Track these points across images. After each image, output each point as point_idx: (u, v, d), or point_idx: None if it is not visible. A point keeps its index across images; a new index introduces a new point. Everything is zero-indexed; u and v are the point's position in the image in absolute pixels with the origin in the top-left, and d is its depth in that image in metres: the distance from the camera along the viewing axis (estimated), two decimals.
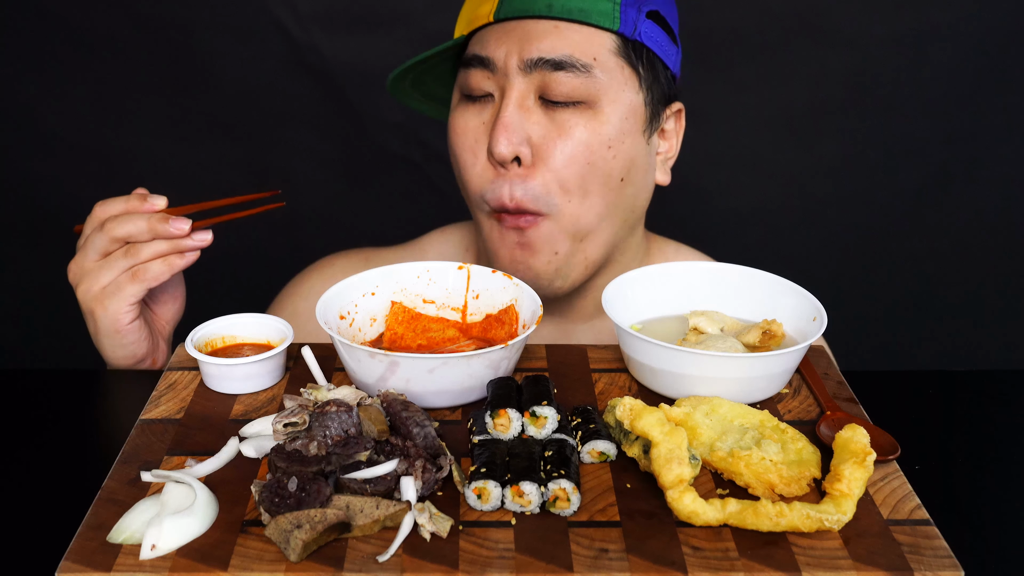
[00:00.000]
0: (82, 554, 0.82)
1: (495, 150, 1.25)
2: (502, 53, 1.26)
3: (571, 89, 1.25)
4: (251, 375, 1.07)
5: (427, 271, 1.20)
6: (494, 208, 1.30)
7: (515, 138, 1.25)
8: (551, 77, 1.25)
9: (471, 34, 1.31)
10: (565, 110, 1.27)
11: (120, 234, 1.17)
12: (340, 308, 1.14)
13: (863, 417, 1.05)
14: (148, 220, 1.16)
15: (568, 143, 1.26)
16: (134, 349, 1.24)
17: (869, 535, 0.86)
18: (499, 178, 1.28)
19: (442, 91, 1.43)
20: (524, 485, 0.87)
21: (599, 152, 1.27)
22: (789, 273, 1.19)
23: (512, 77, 1.26)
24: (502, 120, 1.25)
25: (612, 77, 1.27)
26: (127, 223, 1.17)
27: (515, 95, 1.26)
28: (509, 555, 0.83)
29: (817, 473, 0.93)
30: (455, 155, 1.34)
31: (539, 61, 1.24)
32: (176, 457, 0.96)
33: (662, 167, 1.40)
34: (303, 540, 0.81)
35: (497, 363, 1.03)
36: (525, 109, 1.27)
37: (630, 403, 0.93)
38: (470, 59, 1.29)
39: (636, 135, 1.31)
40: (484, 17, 1.28)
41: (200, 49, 2.09)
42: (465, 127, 1.32)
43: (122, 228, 1.17)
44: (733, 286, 1.21)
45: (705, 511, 0.86)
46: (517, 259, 1.31)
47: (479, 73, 1.29)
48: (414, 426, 0.93)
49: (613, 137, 1.28)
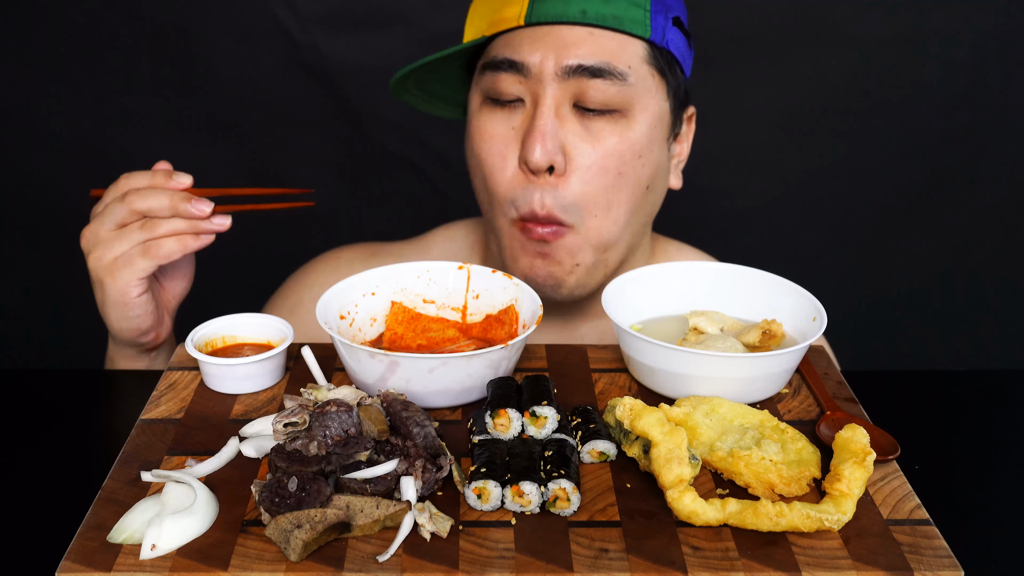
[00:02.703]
0: (82, 554, 0.82)
1: (530, 158, 1.23)
2: (537, 58, 1.23)
3: (607, 97, 1.24)
4: (251, 375, 1.07)
5: (427, 271, 1.20)
6: (523, 216, 1.28)
7: (551, 146, 1.23)
8: (588, 84, 1.23)
9: (492, 36, 1.29)
10: (599, 118, 1.25)
11: (141, 207, 1.16)
12: (340, 308, 1.14)
13: (863, 417, 1.05)
14: (171, 197, 1.16)
15: (601, 152, 1.25)
16: (139, 323, 1.23)
17: (869, 535, 0.86)
18: (530, 184, 1.26)
19: (445, 89, 1.42)
20: (524, 485, 0.87)
21: (630, 162, 1.27)
22: (789, 273, 1.19)
23: (547, 83, 1.24)
24: (538, 127, 1.23)
25: (644, 85, 1.26)
26: (150, 197, 1.16)
27: (551, 102, 1.24)
28: (509, 555, 0.83)
29: (817, 473, 0.93)
30: (479, 159, 1.31)
31: (578, 68, 1.22)
32: (176, 457, 0.96)
33: (675, 171, 1.40)
34: (303, 540, 0.81)
35: (497, 363, 1.03)
36: (560, 117, 1.25)
37: (630, 403, 0.93)
38: (499, 62, 1.26)
39: (662, 142, 1.31)
40: (513, 20, 1.26)
41: (200, 49, 2.09)
42: (492, 132, 1.29)
43: (144, 202, 1.16)
44: (733, 286, 1.21)
45: (705, 511, 0.86)
46: (537, 266, 1.30)
47: (509, 77, 1.26)
48: (414, 426, 0.94)
49: (644, 146, 1.27)
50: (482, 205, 1.37)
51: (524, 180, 1.27)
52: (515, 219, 1.29)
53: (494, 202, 1.32)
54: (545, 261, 1.30)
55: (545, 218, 1.26)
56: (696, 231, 1.79)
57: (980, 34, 2.08)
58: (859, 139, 2.20)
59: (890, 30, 2.08)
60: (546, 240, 1.28)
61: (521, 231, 1.29)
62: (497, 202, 1.31)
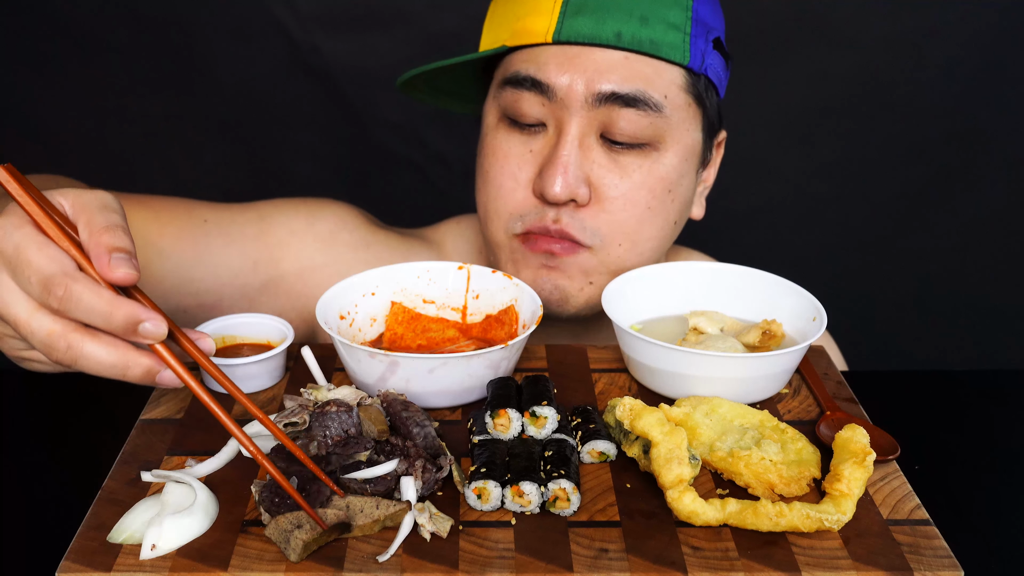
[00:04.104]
0: (82, 554, 0.82)
1: (549, 191, 1.14)
2: (564, 81, 1.14)
3: (638, 129, 1.15)
4: (251, 375, 1.07)
5: (427, 271, 1.20)
6: (529, 229, 1.20)
7: (572, 179, 1.14)
8: (619, 114, 1.14)
9: (515, 47, 1.20)
10: (628, 152, 1.17)
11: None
12: (340, 308, 1.14)
13: (863, 417, 1.05)
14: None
15: (630, 185, 1.17)
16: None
17: (869, 535, 0.86)
18: (544, 207, 1.18)
19: (456, 86, 1.36)
20: (524, 485, 0.87)
21: (660, 197, 1.19)
22: (789, 273, 1.19)
23: (574, 110, 1.15)
24: (560, 158, 1.14)
25: (679, 116, 1.18)
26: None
27: (576, 131, 1.15)
28: (509, 555, 0.83)
29: (817, 473, 0.93)
30: (488, 176, 1.23)
31: (611, 95, 1.14)
32: (176, 457, 0.96)
33: (698, 199, 1.32)
34: (303, 540, 0.81)
35: (497, 363, 1.03)
36: (585, 147, 1.16)
37: (630, 403, 0.93)
38: (522, 79, 1.17)
39: (692, 174, 1.24)
40: (540, 35, 1.16)
41: (200, 49, 2.09)
42: (507, 152, 1.21)
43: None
44: (733, 286, 1.21)
45: (705, 511, 0.86)
46: (542, 277, 1.22)
47: (532, 98, 1.17)
48: (414, 426, 0.94)
49: (674, 181, 1.20)
50: (481, 218, 1.29)
51: (537, 203, 1.19)
52: (517, 233, 1.22)
53: (498, 217, 1.23)
54: (552, 273, 1.21)
55: (557, 233, 1.19)
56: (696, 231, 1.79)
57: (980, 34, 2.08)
58: (859, 139, 2.20)
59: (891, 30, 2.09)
60: (554, 254, 1.20)
61: (523, 243, 1.21)
62: (500, 218, 1.23)
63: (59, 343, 0.80)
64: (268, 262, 1.34)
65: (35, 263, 0.79)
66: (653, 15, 1.15)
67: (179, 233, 1.26)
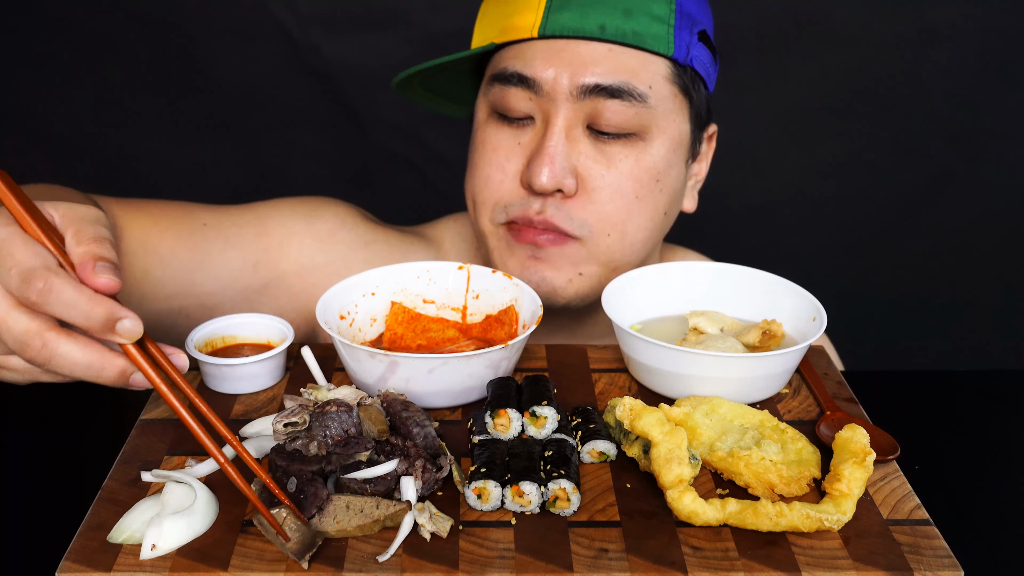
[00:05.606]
0: (82, 554, 0.82)
1: (536, 181, 1.16)
2: (550, 75, 1.17)
3: (624, 120, 1.17)
4: (251, 375, 1.07)
5: (427, 271, 1.20)
6: (512, 219, 1.21)
7: (559, 169, 1.16)
8: (604, 105, 1.16)
9: (503, 44, 1.22)
10: (615, 142, 1.19)
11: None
12: (340, 308, 1.14)
13: (863, 417, 1.05)
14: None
15: (617, 175, 1.19)
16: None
17: (869, 535, 0.86)
18: (531, 197, 1.20)
19: (451, 87, 1.37)
20: (524, 485, 0.87)
21: (647, 186, 1.21)
22: (789, 273, 1.19)
23: (560, 102, 1.17)
24: (547, 149, 1.16)
25: (665, 106, 1.20)
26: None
27: (562, 122, 1.17)
28: (509, 555, 0.83)
29: (817, 473, 0.93)
30: (476, 167, 1.25)
31: (595, 87, 1.16)
32: (176, 457, 0.96)
33: (690, 193, 1.33)
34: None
35: (497, 363, 1.03)
36: (572, 138, 1.18)
37: (630, 403, 0.93)
38: (509, 75, 1.20)
39: (681, 165, 1.25)
40: (526, 30, 1.19)
41: (200, 50, 2.09)
42: (496, 145, 1.23)
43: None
44: (733, 286, 1.21)
45: (705, 511, 0.86)
46: (529, 269, 1.23)
47: (519, 93, 1.19)
48: (414, 426, 0.94)
49: (662, 171, 1.21)
50: (470, 211, 1.31)
51: (524, 193, 1.21)
52: (502, 223, 1.23)
53: (485, 206, 1.25)
54: (539, 264, 1.23)
55: (541, 224, 1.20)
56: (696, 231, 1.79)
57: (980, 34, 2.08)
58: (860, 139, 2.20)
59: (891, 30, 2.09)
60: (538, 245, 1.21)
61: (508, 231, 1.23)
62: (485, 208, 1.25)
63: (34, 341, 0.79)
64: (268, 263, 1.34)
65: (18, 256, 0.79)
66: (637, 8, 1.18)
67: (178, 238, 1.26)
